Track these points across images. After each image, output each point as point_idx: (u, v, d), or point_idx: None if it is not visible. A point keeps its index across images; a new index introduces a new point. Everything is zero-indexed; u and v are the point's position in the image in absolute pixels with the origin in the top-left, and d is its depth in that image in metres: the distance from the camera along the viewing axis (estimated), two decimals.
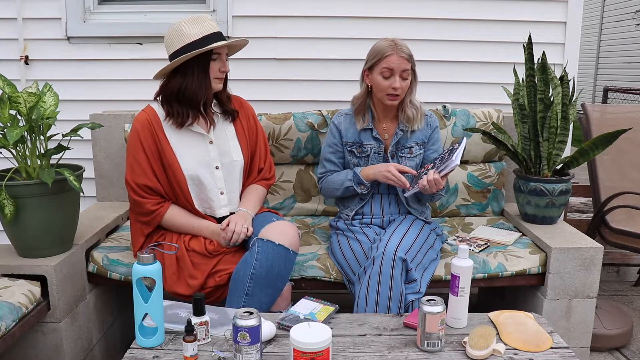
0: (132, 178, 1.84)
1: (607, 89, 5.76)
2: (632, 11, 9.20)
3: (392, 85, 1.92)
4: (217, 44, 1.80)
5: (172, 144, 1.87)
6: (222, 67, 1.86)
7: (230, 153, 1.95)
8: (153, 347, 1.45)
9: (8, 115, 1.74)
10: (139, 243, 1.91)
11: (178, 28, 1.79)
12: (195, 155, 1.88)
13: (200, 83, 1.81)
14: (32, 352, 1.84)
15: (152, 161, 1.85)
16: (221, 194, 1.94)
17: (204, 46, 1.77)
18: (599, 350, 2.33)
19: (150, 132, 1.85)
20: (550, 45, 2.67)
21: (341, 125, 2.08)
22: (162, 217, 1.87)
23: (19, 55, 2.72)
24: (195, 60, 1.79)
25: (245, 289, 1.71)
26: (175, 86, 1.81)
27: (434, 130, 2.09)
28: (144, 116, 1.88)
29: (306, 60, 2.74)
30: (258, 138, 2.04)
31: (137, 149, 1.84)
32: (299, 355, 1.26)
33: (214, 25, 1.84)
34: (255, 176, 2.03)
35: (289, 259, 1.77)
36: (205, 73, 1.82)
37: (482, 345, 1.39)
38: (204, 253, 1.83)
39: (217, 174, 1.92)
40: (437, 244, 2.02)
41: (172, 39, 1.80)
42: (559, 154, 2.19)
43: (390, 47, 1.90)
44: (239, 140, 1.98)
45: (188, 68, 1.80)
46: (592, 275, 2.00)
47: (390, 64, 1.90)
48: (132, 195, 1.86)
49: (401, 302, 1.71)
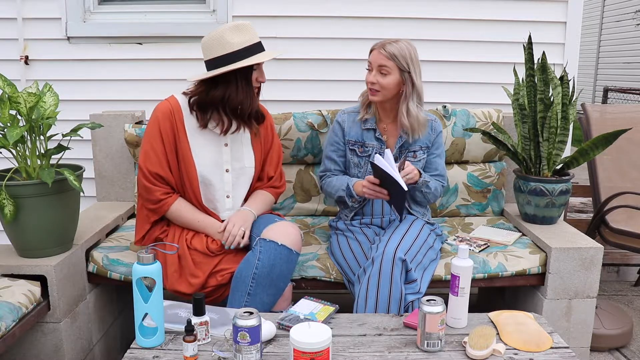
0: (145, 164, 1.84)
1: (607, 89, 5.77)
2: (632, 11, 9.20)
3: (367, 77, 1.97)
4: (265, 57, 1.80)
5: (190, 139, 1.87)
6: (260, 77, 1.86)
7: (243, 159, 1.95)
8: (153, 347, 1.45)
9: (8, 115, 1.74)
10: (144, 230, 1.91)
11: (220, 35, 1.77)
12: (209, 154, 1.89)
13: (245, 94, 1.82)
14: (32, 352, 1.84)
15: (168, 151, 1.85)
16: (227, 197, 1.94)
17: (247, 56, 1.77)
18: (599, 350, 2.33)
19: (171, 123, 1.85)
20: (550, 45, 2.67)
21: (344, 123, 2.08)
22: (169, 207, 1.86)
23: (19, 55, 2.72)
24: (238, 70, 1.78)
25: (247, 288, 1.71)
26: (218, 96, 1.80)
27: (438, 135, 2.10)
28: (167, 106, 1.86)
29: (306, 60, 2.74)
30: (273, 148, 2.03)
31: (155, 136, 1.84)
32: (299, 355, 1.26)
33: (256, 34, 1.83)
34: (264, 183, 2.03)
35: (291, 260, 1.77)
36: (249, 84, 1.82)
37: (482, 345, 1.39)
38: (205, 252, 1.83)
39: (226, 177, 1.92)
40: (437, 244, 2.02)
41: (212, 45, 1.78)
42: (559, 154, 2.19)
43: (377, 45, 1.96)
44: (253, 147, 1.97)
45: (231, 78, 1.79)
46: (592, 275, 2.00)
47: (371, 58, 1.97)
48: (143, 181, 1.85)
49: (401, 302, 1.71)
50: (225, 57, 1.76)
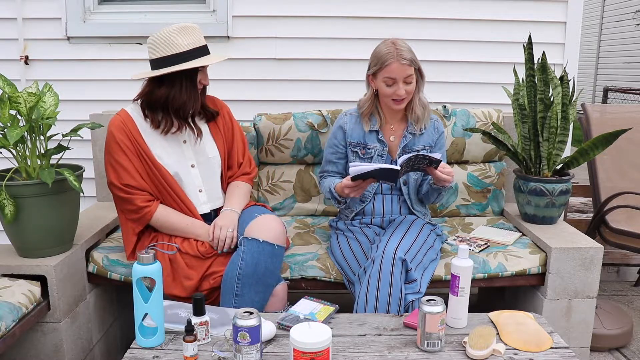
0: (117, 180, 1.85)
1: (607, 89, 5.77)
2: (632, 11, 9.20)
3: (395, 92, 1.91)
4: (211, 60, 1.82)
5: (149, 143, 1.88)
6: (203, 80, 1.88)
7: (205, 151, 1.96)
8: (153, 347, 1.45)
9: (8, 115, 1.74)
10: (132, 243, 1.91)
11: (167, 35, 1.78)
12: (171, 154, 1.90)
13: (189, 95, 1.83)
14: (32, 352, 1.84)
15: (134, 161, 1.85)
16: (200, 191, 1.95)
17: (192, 58, 1.79)
18: (599, 350, 2.33)
19: (126, 134, 1.86)
20: (550, 45, 2.67)
21: (346, 125, 2.07)
22: (153, 214, 1.87)
23: (19, 55, 2.72)
24: (183, 72, 1.80)
25: (234, 290, 1.72)
26: (162, 95, 1.82)
27: (440, 135, 2.10)
28: (118, 119, 1.88)
29: (306, 60, 2.74)
30: (235, 134, 2.05)
31: (117, 151, 1.85)
32: (299, 355, 1.26)
33: (202, 37, 1.85)
34: (235, 170, 2.04)
35: (275, 254, 1.77)
36: (193, 85, 1.84)
37: (482, 345, 1.39)
38: (196, 255, 1.83)
39: (193, 172, 1.94)
40: (437, 244, 2.02)
41: (158, 44, 1.80)
42: (559, 154, 2.19)
43: (390, 55, 1.87)
44: (214, 137, 2.00)
45: (175, 79, 1.81)
46: (592, 275, 2.00)
47: (392, 73, 1.88)
48: (120, 194, 1.85)
49: (401, 302, 1.71)
50: (171, 57, 1.78)
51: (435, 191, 2.01)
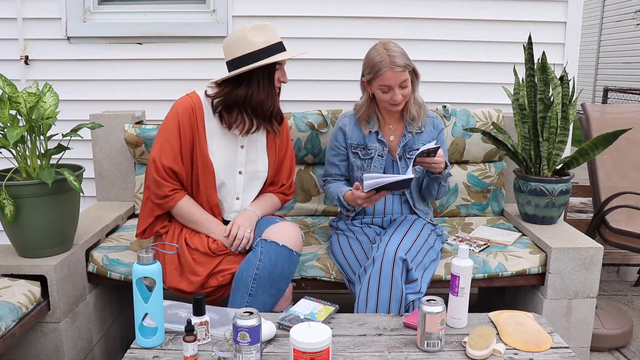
0: (160, 158, 1.81)
1: (607, 89, 5.77)
2: (632, 11, 9.20)
3: (392, 98, 1.91)
4: (288, 55, 1.80)
5: (208, 138, 1.86)
6: (281, 77, 1.85)
7: (257, 162, 1.94)
8: (153, 347, 1.45)
9: (8, 115, 1.74)
10: (147, 222, 1.89)
11: (242, 35, 1.76)
12: (224, 155, 1.88)
13: (267, 93, 1.81)
14: (32, 352, 1.84)
15: (184, 147, 1.83)
16: (237, 199, 1.94)
17: (269, 55, 1.76)
18: (599, 350, 2.33)
19: (190, 119, 1.83)
20: (550, 45, 2.66)
21: (346, 127, 2.08)
22: (176, 203, 1.85)
23: (19, 55, 2.72)
24: (261, 69, 1.78)
25: (249, 289, 1.71)
26: (241, 95, 1.79)
27: (440, 132, 2.10)
28: (189, 102, 1.85)
29: (306, 60, 2.74)
30: (287, 156, 2.03)
31: (173, 131, 1.82)
32: (299, 355, 1.26)
33: (277, 34, 1.83)
34: (276, 188, 2.02)
35: (292, 260, 1.77)
36: (271, 83, 1.82)
37: (482, 345, 1.39)
38: (207, 252, 1.82)
39: (238, 179, 1.92)
40: (438, 244, 2.02)
41: (234, 45, 1.77)
42: (559, 154, 2.19)
43: (383, 63, 1.86)
44: (268, 152, 1.96)
45: (253, 77, 1.78)
46: (592, 275, 2.00)
47: (387, 82, 1.89)
48: (154, 175, 1.82)
49: (401, 302, 1.71)
50: (248, 56, 1.76)
51: (434, 181, 2.00)
